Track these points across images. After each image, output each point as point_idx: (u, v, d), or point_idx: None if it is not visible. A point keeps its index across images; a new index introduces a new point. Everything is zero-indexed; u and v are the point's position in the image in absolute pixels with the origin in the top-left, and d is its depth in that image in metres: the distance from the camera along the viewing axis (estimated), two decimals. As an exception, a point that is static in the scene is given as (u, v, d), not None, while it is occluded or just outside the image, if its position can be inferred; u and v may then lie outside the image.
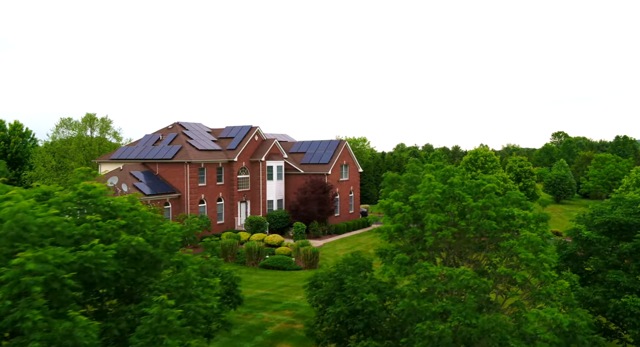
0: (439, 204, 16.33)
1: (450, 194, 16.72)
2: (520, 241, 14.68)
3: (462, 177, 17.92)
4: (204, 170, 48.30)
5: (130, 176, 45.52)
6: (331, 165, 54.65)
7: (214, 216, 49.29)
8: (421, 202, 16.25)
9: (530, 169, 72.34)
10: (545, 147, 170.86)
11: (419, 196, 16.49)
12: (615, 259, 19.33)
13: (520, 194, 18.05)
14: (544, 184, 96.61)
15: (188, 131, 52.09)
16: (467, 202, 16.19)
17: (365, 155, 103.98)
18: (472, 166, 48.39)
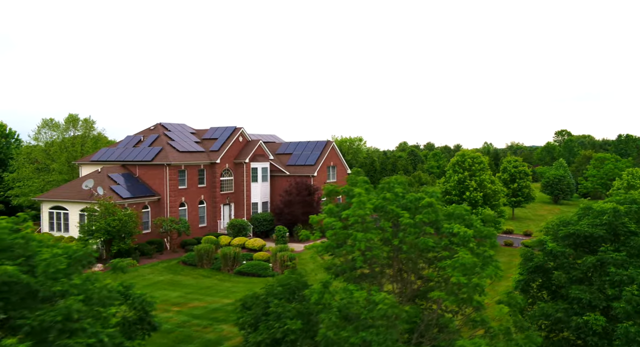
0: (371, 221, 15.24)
1: (384, 209, 15.59)
2: (453, 262, 13.52)
3: (403, 190, 16.76)
4: (184, 173, 47.34)
5: (107, 179, 44.62)
6: (317, 167, 53.56)
7: (195, 219, 48.33)
8: (350, 219, 15.14)
9: (525, 169, 71.01)
10: (547, 146, 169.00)
11: (349, 211, 15.38)
12: (580, 273, 18.14)
13: (466, 208, 16.91)
14: (541, 184, 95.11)
15: (170, 132, 51.14)
16: (402, 218, 15.06)
17: (361, 154, 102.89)
18: (459, 168, 47.09)
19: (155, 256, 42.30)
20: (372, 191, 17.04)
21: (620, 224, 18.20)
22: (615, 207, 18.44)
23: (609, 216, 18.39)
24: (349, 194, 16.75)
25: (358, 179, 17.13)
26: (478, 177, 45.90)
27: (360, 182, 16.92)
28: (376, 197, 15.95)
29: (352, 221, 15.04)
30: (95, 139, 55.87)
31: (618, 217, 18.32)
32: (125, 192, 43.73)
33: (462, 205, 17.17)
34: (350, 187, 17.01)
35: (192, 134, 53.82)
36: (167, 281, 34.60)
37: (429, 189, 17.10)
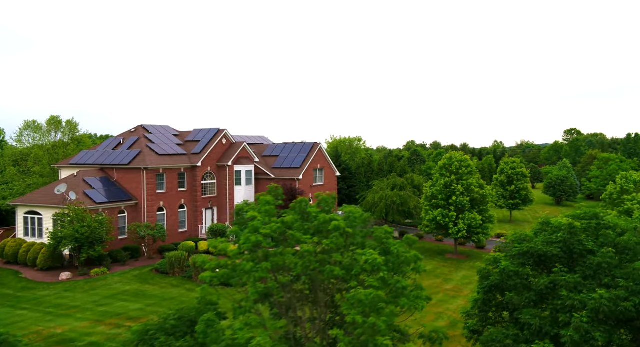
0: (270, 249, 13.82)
1: (283, 235, 14.16)
2: (349, 298, 12.03)
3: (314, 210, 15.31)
4: (163, 176, 46.19)
5: (82, 183, 43.60)
6: (302, 170, 52.15)
7: (175, 224, 47.20)
8: (242, 247, 13.74)
9: (523, 171, 68.99)
10: (554, 145, 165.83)
11: (242, 238, 13.99)
12: (534, 295, 16.55)
13: (387, 230, 15.41)
14: (544, 185, 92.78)
15: (151, 134, 50.02)
16: (302, 245, 13.62)
17: (359, 155, 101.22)
18: (446, 172, 45.36)
19: (130, 263, 41.20)
20: (273, 213, 15.55)
21: (576, 242, 16.60)
22: (571, 223, 16.84)
23: (564, 233, 16.80)
24: (240, 213, 15.34)
25: (262, 199, 15.67)
26: (465, 181, 44.17)
27: (262, 203, 15.46)
28: (275, 222, 14.49)
29: (245, 248, 13.63)
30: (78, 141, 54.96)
31: (574, 234, 16.72)
32: (100, 196, 42.68)
33: (383, 227, 15.67)
34: (241, 207, 15.58)
35: (175, 136, 52.68)
36: (133, 291, 33.41)
37: (347, 209, 15.63)
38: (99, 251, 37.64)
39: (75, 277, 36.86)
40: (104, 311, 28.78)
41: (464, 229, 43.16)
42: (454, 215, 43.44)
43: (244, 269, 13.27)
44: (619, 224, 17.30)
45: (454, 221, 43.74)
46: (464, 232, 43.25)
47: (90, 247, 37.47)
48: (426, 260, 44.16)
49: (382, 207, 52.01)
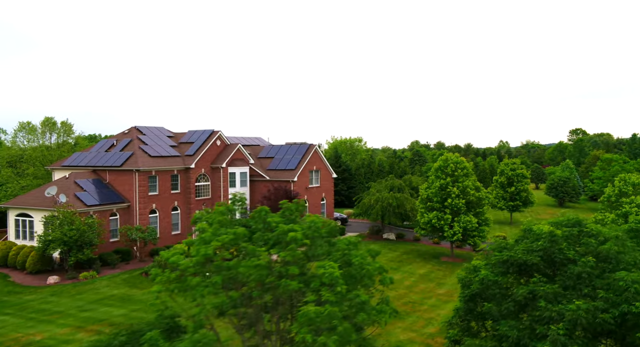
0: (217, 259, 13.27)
1: (236, 246, 13.60)
2: (299, 316, 11.43)
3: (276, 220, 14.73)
4: (155, 178, 45.77)
5: (74, 185, 43.25)
6: (297, 172, 51.58)
7: (167, 227, 46.77)
8: (193, 260, 13.19)
9: (523, 172, 68.08)
10: (558, 145, 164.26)
11: (192, 249, 13.44)
12: (513, 306, 15.90)
13: (350, 240, 14.81)
14: (546, 186, 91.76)
15: (145, 136, 49.63)
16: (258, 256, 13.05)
17: (359, 156, 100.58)
18: (442, 174, 44.64)
19: (120, 266, 40.81)
20: (227, 223, 14.96)
21: (557, 251, 15.94)
22: (551, 231, 16.18)
23: (544, 241, 16.15)
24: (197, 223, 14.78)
25: (217, 209, 15.11)
26: (461, 183, 43.46)
27: (216, 213, 14.90)
28: (226, 233, 13.91)
29: (195, 261, 13.06)
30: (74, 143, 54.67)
31: (554, 242, 16.06)
32: (91, 199, 42.31)
33: (346, 237, 15.06)
34: (198, 216, 15.01)
35: (170, 137, 52.27)
36: (120, 295, 32.97)
37: (309, 218, 15.04)
38: (87, 254, 37.26)
39: (63, 281, 36.48)
40: (87, 317, 28.36)
41: (459, 232, 42.46)
42: (449, 218, 42.74)
43: (190, 284, 12.71)
44: (602, 231, 16.62)
45: (449, 224, 43.04)
46: (459, 235, 42.55)
47: (79, 251, 37.10)
48: (421, 263, 43.53)
49: (377, 210, 51.35)
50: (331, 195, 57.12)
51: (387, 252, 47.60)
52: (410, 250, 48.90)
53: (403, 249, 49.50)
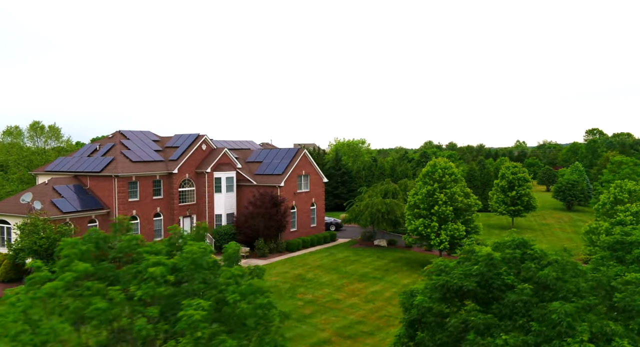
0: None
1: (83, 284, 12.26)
2: None
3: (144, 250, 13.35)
4: (136, 184, 44.86)
5: (51, 191, 42.53)
6: (285, 177, 50.23)
7: (149, 234, 45.79)
8: (38, 293, 11.90)
9: (525, 176, 65.73)
10: (572, 146, 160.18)
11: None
12: (446, 336, 14.33)
13: (234, 272, 13.31)
14: (554, 189, 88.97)
15: (128, 141, 48.78)
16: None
17: (361, 158, 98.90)
18: (429, 180, 42.90)
19: (96, 274, 39.93)
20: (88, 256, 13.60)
21: (494, 276, 14.33)
22: (489, 254, 14.57)
23: (481, 265, 14.54)
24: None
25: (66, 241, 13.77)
26: (449, 189, 41.68)
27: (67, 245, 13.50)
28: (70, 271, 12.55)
29: (39, 294, 11.76)
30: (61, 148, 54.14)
31: (493, 266, 14.45)
32: (68, 205, 41.53)
33: (231, 269, 13.54)
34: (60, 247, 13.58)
35: (156, 141, 51.37)
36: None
37: (188, 247, 13.56)
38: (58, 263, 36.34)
39: (33, 290, 35.63)
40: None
41: (445, 240, 40.69)
42: (436, 225, 41.01)
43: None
44: (548, 254, 14.95)
45: (435, 232, 41.30)
46: (446, 244, 40.78)
47: (50, 259, 36.24)
48: (407, 272, 41.83)
49: (366, 216, 49.79)
50: (322, 200, 55.64)
51: (374, 260, 46.02)
52: (399, 258, 47.22)
53: (392, 256, 47.84)
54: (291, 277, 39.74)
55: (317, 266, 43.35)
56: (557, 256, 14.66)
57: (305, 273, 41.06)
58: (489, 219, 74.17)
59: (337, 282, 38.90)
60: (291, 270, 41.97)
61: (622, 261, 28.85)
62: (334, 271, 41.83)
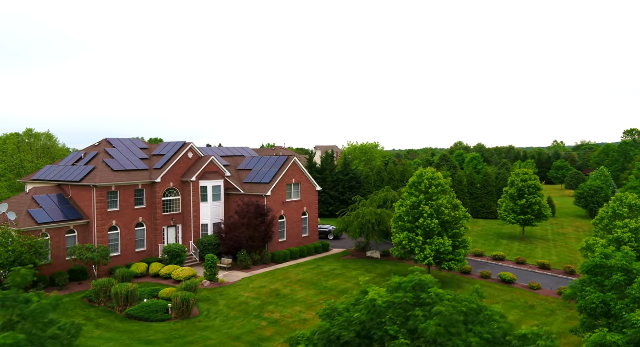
0: None
1: None
2: None
3: None
4: (116, 194, 44.01)
5: (30, 201, 42.08)
6: (272, 186, 48.53)
7: (131, 244, 44.90)
8: None
9: (536, 183, 61.99)
10: (605, 148, 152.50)
11: None
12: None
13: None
14: (575, 195, 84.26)
15: (114, 149, 48.07)
16: None
17: (375, 162, 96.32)
18: (416, 191, 40.43)
19: (70, 287, 39.21)
20: None
21: (376, 325, 12.23)
22: (372, 299, 12.47)
23: (362, 313, 12.45)
24: None
25: None
26: (435, 201, 39.11)
27: None
28: None
29: None
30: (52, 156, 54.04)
31: (376, 314, 12.35)
32: (44, 216, 40.96)
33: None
34: None
35: (143, 149, 50.54)
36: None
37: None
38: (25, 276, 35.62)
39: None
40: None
41: (430, 255, 38.16)
42: (420, 239, 38.51)
43: None
44: (445, 299, 12.71)
45: (420, 246, 38.80)
46: (431, 259, 38.24)
47: (17, 273, 35.57)
48: (391, 289, 39.45)
49: (355, 227, 47.61)
50: (314, 209, 53.68)
51: (361, 274, 43.81)
52: (389, 271, 44.83)
53: (382, 269, 45.52)
54: (266, 293, 38.01)
55: (298, 281, 41.48)
56: (450, 304, 12.41)
57: (282, 288, 39.26)
58: (501, 228, 70.62)
59: (312, 299, 36.95)
60: (269, 284, 40.25)
61: (601, 286, 25.96)
62: (313, 287, 39.88)
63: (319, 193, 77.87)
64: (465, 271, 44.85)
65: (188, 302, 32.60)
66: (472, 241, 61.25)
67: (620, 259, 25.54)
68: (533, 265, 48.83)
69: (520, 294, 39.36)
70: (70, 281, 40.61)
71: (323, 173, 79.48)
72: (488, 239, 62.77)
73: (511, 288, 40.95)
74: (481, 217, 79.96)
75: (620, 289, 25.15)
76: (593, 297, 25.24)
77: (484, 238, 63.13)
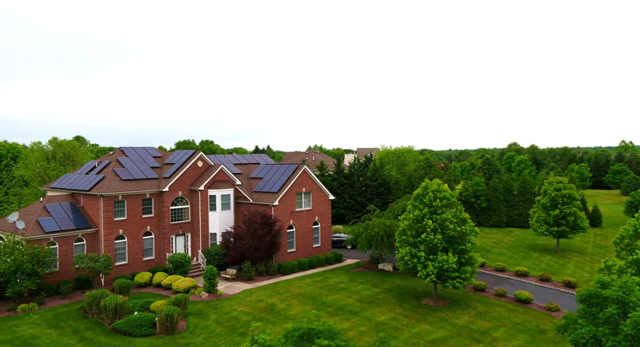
0: None
1: None
2: None
3: None
4: (123, 203, 44.44)
5: (41, 210, 43.19)
6: (279, 195, 47.55)
7: (138, 253, 45.24)
8: None
9: (571, 193, 57.63)
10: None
11: None
12: None
13: None
14: (625, 204, 78.15)
15: (126, 158, 48.68)
16: None
17: (408, 167, 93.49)
18: (420, 204, 38.23)
19: (73, 296, 39.81)
20: None
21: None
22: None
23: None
24: None
25: None
26: (439, 215, 36.80)
27: None
28: None
29: None
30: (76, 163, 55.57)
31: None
32: (52, 225, 41.89)
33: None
34: None
35: (157, 158, 50.95)
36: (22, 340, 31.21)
37: None
38: (25, 285, 36.48)
39: (0, 313, 35.97)
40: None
41: (432, 272, 35.93)
42: (423, 255, 36.35)
43: None
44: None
45: (422, 263, 36.63)
46: (433, 277, 36.00)
47: (17, 284, 36.48)
48: (391, 306, 37.53)
49: (363, 239, 45.82)
50: (327, 219, 52.26)
51: (366, 288, 42.08)
52: (395, 286, 42.83)
53: (390, 284, 43.55)
54: (260, 308, 37.08)
55: (298, 294, 40.28)
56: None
57: (279, 303, 38.20)
58: (536, 238, 66.37)
59: (306, 315, 35.60)
60: (267, 298, 39.30)
61: (595, 319, 23.26)
62: (311, 302, 38.56)
63: (345, 200, 76.26)
64: (479, 288, 42.14)
65: (172, 318, 32.14)
66: (498, 253, 57.94)
67: (617, 289, 22.74)
68: (558, 282, 45.34)
69: (533, 316, 36.41)
70: (75, 289, 41.36)
71: (350, 178, 77.80)
72: (517, 251, 59.08)
73: (525, 309, 38.01)
74: (517, 226, 75.65)
75: (615, 323, 22.39)
76: (584, 331, 22.62)
77: (513, 250, 59.48)
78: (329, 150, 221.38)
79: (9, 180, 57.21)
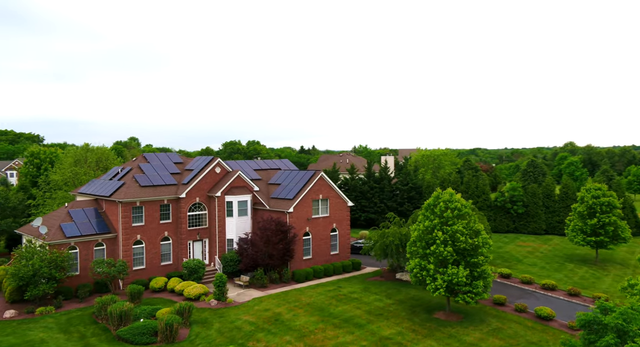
0: None
1: None
2: None
3: None
4: (141, 209, 45.35)
5: (65, 215, 44.75)
6: (295, 202, 47.12)
7: (156, 258, 46.06)
8: None
9: (610, 201, 53.95)
10: None
11: None
12: None
13: None
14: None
15: (147, 164, 49.71)
16: None
17: (443, 170, 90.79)
18: (430, 214, 36.75)
19: (90, 299, 40.92)
20: None
21: None
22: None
23: None
24: None
25: None
26: (450, 227, 35.23)
27: None
28: None
29: None
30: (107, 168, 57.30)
31: None
32: (74, 230, 43.27)
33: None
34: None
35: (178, 164, 51.76)
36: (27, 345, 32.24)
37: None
38: (41, 289, 37.81)
39: (19, 316, 37.40)
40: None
41: (441, 286, 34.45)
42: (432, 268, 34.93)
43: None
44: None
45: (432, 276, 35.20)
46: (442, 291, 34.50)
47: (35, 287, 37.86)
48: (399, 320, 36.32)
49: (377, 248, 44.67)
50: (345, 225, 51.36)
51: (378, 299, 40.97)
52: (410, 298, 41.48)
53: (404, 295, 42.22)
54: (265, 318, 36.78)
55: (306, 304, 39.71)
56: None
57: (285, 312, 37.77)
58: (575, 248, 62.71)
59: (309, 327, 35.00)
60: (274, 307, 38.96)
61: None
62: (318, 312, 37.88)
63: (375, 204, 74.94)
64: (498, 302, 40.15)
65: (171, 327, 32.35)
66: (530, 263, 55.05)
67: (617, 316, 20.84)
68: (588, 297, 42.51)
69: (551, 335, 34.19)
70: (94, 292, 42.56)
71: (381, 182, 76.39)
72: (551, 261, 56.01)
73: (544, 326, 35.79)
74: (557, 233, 71.84)
75: (613, 354, 20.51)
76: (577, 363, 20.89)
77: (546, 260, 56.45)
78: (373, 150, 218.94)
79: (46, 184, 59.81)
